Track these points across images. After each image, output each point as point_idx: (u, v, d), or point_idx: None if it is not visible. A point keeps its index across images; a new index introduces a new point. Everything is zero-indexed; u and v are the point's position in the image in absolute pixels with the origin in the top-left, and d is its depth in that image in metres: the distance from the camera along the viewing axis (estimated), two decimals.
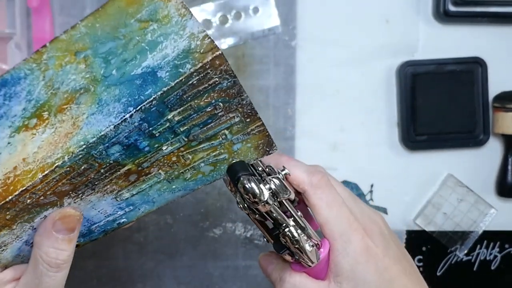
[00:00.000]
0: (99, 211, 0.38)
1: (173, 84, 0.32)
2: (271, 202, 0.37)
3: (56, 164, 0.32)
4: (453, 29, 0.62)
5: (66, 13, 0.60)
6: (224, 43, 0.61)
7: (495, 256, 0.64)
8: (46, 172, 0.32)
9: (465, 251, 0.63)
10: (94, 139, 0.32)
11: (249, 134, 0.37)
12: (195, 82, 0.33)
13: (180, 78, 0.32)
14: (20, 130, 0.34)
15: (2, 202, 0.33)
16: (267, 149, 0.38)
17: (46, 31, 0.58)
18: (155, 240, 0.62)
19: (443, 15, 0.60)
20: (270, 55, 0.61)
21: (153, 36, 0.34)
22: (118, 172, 0.35)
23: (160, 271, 0.63)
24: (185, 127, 0.35)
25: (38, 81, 0.35)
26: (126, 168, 0.35)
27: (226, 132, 0.36)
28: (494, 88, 0.61)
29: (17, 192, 0.32)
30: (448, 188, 0.62)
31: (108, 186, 0.36)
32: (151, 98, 0.32)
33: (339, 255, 0.40)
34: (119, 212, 0.39)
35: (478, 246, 0.63)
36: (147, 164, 0.36)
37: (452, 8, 0.60)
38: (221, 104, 0.34)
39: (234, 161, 0.38)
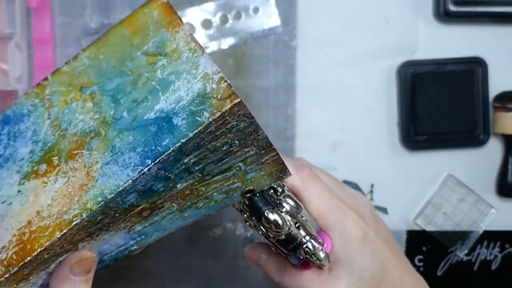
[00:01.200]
0: (111, 244, 0.36)
1: (191, 135, 0.30)
2: (292, 227, 0.38)
3: (75, 222, 0.30)
4: (453, 29, 0.62)
5: (66, 13, 0.60)
6: (224, 43, 0.61)
7: (496, 256, 0.63)
8: (64, 231, 0.30)
9: (465, 251, 0.63)
10: (112, 195, 0.30)
11: (263, 164, 0.35)
12: (213, 129, 0.31)
13: (199, 129, 0.30)
14: (29, 177, 0.31)
15: (21, 263, 0.30)
16: (281, 175, 0.37)
17: (46, 31, 0.58)
18: (155, 240, 0.62)
19: (443, 15, 0.60)
20: (270, 55, 0.61)
21: (163, 73, 0.31)
22: (132, 212, 0.34)
23: (160, 271, 0.63)
24: (200, 166, 0.33)
25: (43, 119, 0.32)
26: (140, 207, 0.34)
27: (241, 164, 0.34)
28: (494, 88, 0.61)
29: (35, 253, 0.30)
30: (448, 188, 0.62)
31: (122, 224, 0.34)
32: (170, 150, 0.30)
33: (336, 245, 0.41)
34: (130, 242, 0.38)
35: (479, 246, 0.63)
36: (161, 201, 0.34)
37: (452, 8, 0.60)
38: (237, 142, 0.33)
39: (255, 197, 0.37)
